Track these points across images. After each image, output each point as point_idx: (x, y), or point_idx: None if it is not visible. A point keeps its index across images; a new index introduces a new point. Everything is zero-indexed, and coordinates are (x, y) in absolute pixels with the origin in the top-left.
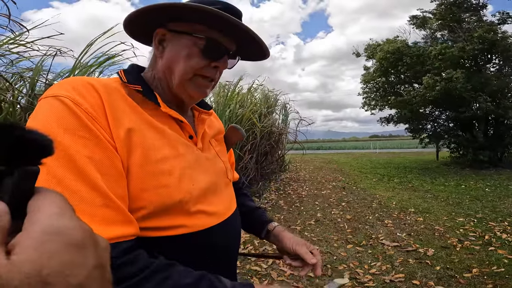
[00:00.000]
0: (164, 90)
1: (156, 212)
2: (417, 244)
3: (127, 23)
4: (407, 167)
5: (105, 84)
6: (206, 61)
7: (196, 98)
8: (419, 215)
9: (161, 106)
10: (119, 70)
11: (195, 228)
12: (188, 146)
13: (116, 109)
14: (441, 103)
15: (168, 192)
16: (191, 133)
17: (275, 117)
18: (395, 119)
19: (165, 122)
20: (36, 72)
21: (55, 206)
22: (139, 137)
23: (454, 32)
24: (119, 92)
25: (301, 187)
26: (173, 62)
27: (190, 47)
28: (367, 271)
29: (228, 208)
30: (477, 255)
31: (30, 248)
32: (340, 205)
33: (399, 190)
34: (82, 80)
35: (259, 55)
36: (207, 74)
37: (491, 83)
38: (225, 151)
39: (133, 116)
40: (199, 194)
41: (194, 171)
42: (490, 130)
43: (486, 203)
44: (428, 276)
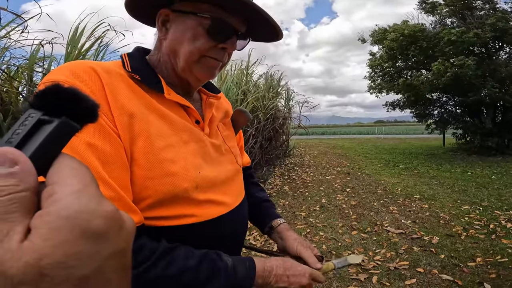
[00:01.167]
0: (169, 73)
1: (163, 201)
2: (422, 232)
3: (129, 2)
4: (412, 153)
5: (107, 68)
6: (212, 43)
7: (203, 80)
8: (424, 202)
9: (164, 93)
10: (123, 54)
11: (204, 217)
12: (194, 132)
13: (119, 94)
14: (449, 89)
15: (174, 180)
16: (197, 118)
17: (279, 102)
18: (401, 104)
19: (170, 107)
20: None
21: (77, 181)
22: (143, 124)
23: (465, 19)
24: (122, 77)
25: (305, 173)
26: (178, 44)
27: (195, 28)
28: (372, 258)
29: (237, 196)
30: (481, 244)
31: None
32: (345, 191)
33: (404, 176)
34: (83, 64)
35: (272, 35)
36: (214, 56)
37: (500, 70)
38: (233, 135)
39: (136, 102)
40: (206, 182)
41: (200, 159)
42: (498, 117)
43: (492, 191)
44: (432, 264)
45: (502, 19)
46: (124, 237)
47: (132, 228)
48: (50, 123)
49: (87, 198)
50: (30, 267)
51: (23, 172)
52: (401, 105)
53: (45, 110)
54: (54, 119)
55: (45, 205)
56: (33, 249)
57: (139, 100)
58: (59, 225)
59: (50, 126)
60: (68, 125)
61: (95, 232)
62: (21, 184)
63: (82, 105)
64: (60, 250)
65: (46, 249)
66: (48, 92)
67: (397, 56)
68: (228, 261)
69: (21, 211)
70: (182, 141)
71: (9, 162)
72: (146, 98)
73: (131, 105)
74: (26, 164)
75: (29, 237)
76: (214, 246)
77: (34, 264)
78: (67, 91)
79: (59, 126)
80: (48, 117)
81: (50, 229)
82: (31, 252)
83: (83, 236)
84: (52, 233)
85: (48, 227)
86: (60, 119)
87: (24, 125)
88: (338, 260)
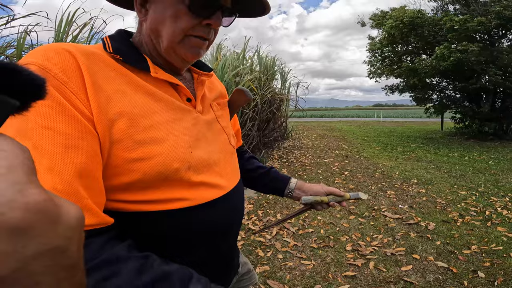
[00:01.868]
0: (153, 54)
1: (152, 184)
2: (419, 217)
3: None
4: (410, 136)
5: (84, 49)
6: (196, 19)
7: (189, 61)
8: (421, 187)
9: (151, 72)
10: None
11: (196, 201)
12: (185, 110)
13: (96, 73)
14: (449, 74)
15: (163, 160)
16: (188, 95)
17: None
18: (400, 87)
19: (158, 86)
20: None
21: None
22: (126, 103)
23: (469, 5)
24: (101, 57)
25: (304, 155)
26: (159, 24)
27: (175, 5)
28: (369, 243)
29: (231, 179)
30: (477, 231)
31: None
32: (343, 174)
33: (402, 160)
34: (57, 45)
35: (259, 9)
36: (199, 34)
37: (502, 57)
38: (227, 116)
39: (119, 81)
40: (199, 163)
41: (192, 137)
42: (497, 102)
43: (489, 176)
44: (428, 250)
45: (508, 8)
46: (61, 232)
47: (75, 221)
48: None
49: (7, 183)
50: None
51: None
52: (400, 89)
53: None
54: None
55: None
56: None
57: (122, 78)
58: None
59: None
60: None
61: (13, 226)
62: None
63: (22, 78)
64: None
65: None
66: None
67: (398, 41)
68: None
69: None
70: (171, 119)
71: None
72: (130, 76)
73: (112, 84)
74: None
75: None
76: (208, 232)
77: None
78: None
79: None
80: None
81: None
82: None
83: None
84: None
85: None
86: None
87: None
88: (352, 194)
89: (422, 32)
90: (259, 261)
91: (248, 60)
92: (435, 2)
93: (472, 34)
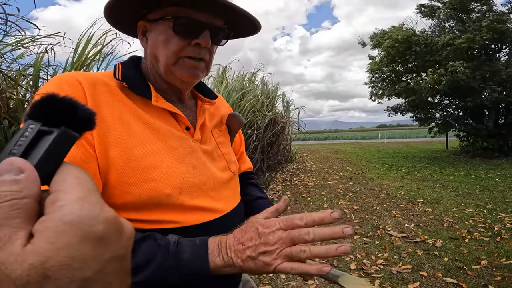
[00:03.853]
0: (157, 78)
1: (146, 206)
2: (425, 235)
3: (108, 15)
4: (415, 156)
5: (93, 79)
6: (184, 41)
7: (188, 81)
8: (427, 206)
9: (152, 100)
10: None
11: (188, 223)
12: (182, 139)
13: (99, 103)
14: (449, 93)
15: (156, 186)
16: (187, 124)
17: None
18: (403, 108)
19: (157, 115)
20: (36, 68)
21: (81, 189)
22: (125, 132)
23: (464, 22)
24: (107, 86)
25: (307, 178)
26: (155, 49)
27: (165, 31)
28: (374, 262)
29: (229, 202)
30: (486, 246)
31: (44, 238)
32: (347, 196)
33: (407, 180)
34: (69, 75)
35: (250, 27)
36: (190, 54)
37: (500, 73)
38: (228, 142)
39: (119, 110)
40: (193, 188)
41: (187, 165)
42: (501, 119)
43: (496, 193)
44: (436, 267)
45: (499, 21)
46: (124, 242)
47: (131, 233)
48: (50, 133)
49: (89, 205)
50: (34, 269)
51: (27, 179)
52: (402, 109)
53: (44, 120)
54: (53, 130)
55: (49, 211)
56: (37, 252)
57: (124, 107)
58: (63, 229)
59: (51, 136)
60: (67, 135)
61: (97, 236)
62: (24, 191)
63: (79, 114)
64: (64, 252)
65: (50, 252)
66: (45, 102)
67: (397, 60)
68: (171, 240)
69: (23, 217)
70: (167, 148)
71: (16, 170)
72: (131, 106)
73: (114, 114)
74: (31, 172)
75: (32, 241)
76: None
77: (38, 266)
78: (63, 101)
79: (59, 136)
80: (47, 128)
81: (54, 233)
82: (35, 255)
83: (86, 240)
84: (56, 236)
85: (52, 231)
86: (59, 129)
87: (24, 136)
88: None
89: (420, 50)
90: (261, 281)
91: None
92: (432, 20)
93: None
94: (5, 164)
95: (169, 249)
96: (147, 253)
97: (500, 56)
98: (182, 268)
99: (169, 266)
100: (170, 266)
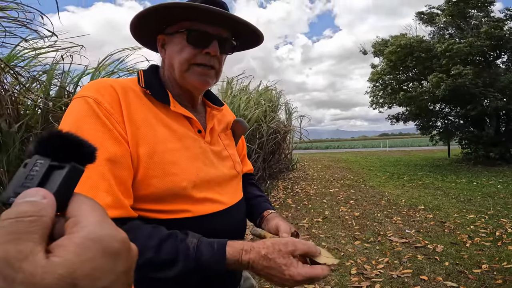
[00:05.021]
0: (173, 85)
1: (164, 197)
2: (426, 241)
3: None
4: (417, 164)
5: (123, 85)
6: (195, 50)
7: (200, 87)
8: (428, 212)
9: (170, 106)
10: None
11: (198, 213)
12: (195, 140)
13: (130, 107)
14: (450, 100)
15: (174, 179)
16: (199, 127)
17: (280, 116)
18: (404, 116)
19: (175, 118)
20: (49, 76)
21: (98, 214)
22: (149, 132)
23: (462, 29)
24: (135, 92)
25: (309, 186)
26: (172, 58)
27: (180, 42)
28: (375, 266)
29: (233, 197)
30: (487, 251)
31: (71, 252)
32: (348, 203)
33: (408, 187)
34: (105, 82)
35: (254, 38)
36: (201, 61)
37: (500, 79)
38: (233, 144)
39: (146, 113)
40: (204, 183)
41: (200, 162)
42: (502, 126)
43: (498, 199)
44: (436, 271)
45: (497, 27)
46: (132, 258)
47: (136, 252)
48: (61, 168)
49: (108, 226)
50: (64, 278)
51: (47, 203)
52: (404, 118)
53: (52, 156)
54: (64, 165)
55: (73, 230)
56: (66, 263)
57: (149, 112)
58: (88, 245)
59: (62, 171)
60: (76, 169)
61: (114, 252)
62: (43, 212)
63: (84, 150)
64: (89, 264)
65: (77, 263)
66: (53, 140)
67: (398, 67)
68: (191, 243)
69: (40, 234)
70: (183, 147)
71: (41, 196)
72: (154, 111)
73: (141, 116)
74: (51, 198)
75: (57, 254)
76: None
77: (67, 276)
78: (69, 138)
79: (70, 171)
80: (57, 163)
81: (80, 248)
82: (64, 266)
83: (106, 254)
84: (82, 251)
85: (78, 246)
86: (70, 164)
87: (35, 170)
88: None
89: (420, 55)
90: (261, 285)
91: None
92: (432, 27)
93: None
94: (33, 191)
95: (190, 254)
96: (171, 253)
97: (499, 63)
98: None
99: (191, 269)
100: (191, 269)
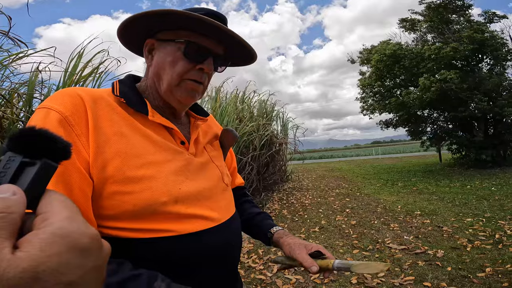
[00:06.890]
0: (155, 96)
1: (142, 214)
2: (426, 246)
3: (121, 33)
4: (410, 170)
5: (92, 93)
6: (190, 65)
7: (185, 103)
8: (425, 217)
9: (149, 115)
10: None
11: (183, 232)
12: (178, 152)
13: (100, 117)
14: (438, 104)
15: (151, 195)
16: (182, 139)
17: (274, 127)
18: (394, 122)
19: (154, 129)
20: (30, 87)
21: (68, 210)
22: (123, 144)
23: (443, 34)
24: (106, 102)
25: (304, 196)
26: (160, 68)
27: (174, 53)
28: (375, 275)
29: (224, 212)
30: (489, 254)
31: (36, 247)
32: (344, 212)
33: (403, 194)
34: (71, 90)
35: (247, 57)
36: (193, 77)
37: (484, 82)
38: (221, 156)
39: (118, 124)
40: (190, 198)
41: (182, 176)
42: (490, 129)
43: (493, 202)
44: (439, 277)
45: (478, 31)
46: (103, 255)
47: (108, 249)
48: (32, 165)
49: (77, 222)
50: (27, 272)
51: (17, 200)
52: (394, 123)
53: (25, 153)
54: (36, 161)
55: (40, 226)
56: (31, 258)
57: (123, 121)
58: (54, 240)
59: (34, 167)
60: (48, 165)
61: (83, 248)
62: (12, 208)
63: (57, 146)
64: (54, 259)
65: (42, 258)
66: (25, 136)
67: (385, 75)
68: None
69: (9, 230)
70: (163, 160)
71: (11, 192)
72: (129, 120)
73: (113, 127)
74: (21, 195)
75: (22, 249)
76: (201, 260)
77: (30, 270)
78: (42, 134)
79: (41, 168)
80: (29, 160)
81: (46, 243)
82: (28, 260)
83: (73, 250)
84: (48, 246)
85: (44, 241)
86: (41, 161)
87: (7, 167)
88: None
89: (405, 63)
90: None
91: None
92: (414, 33)
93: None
94: (3, 187)
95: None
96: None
97: (482, 66)
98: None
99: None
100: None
